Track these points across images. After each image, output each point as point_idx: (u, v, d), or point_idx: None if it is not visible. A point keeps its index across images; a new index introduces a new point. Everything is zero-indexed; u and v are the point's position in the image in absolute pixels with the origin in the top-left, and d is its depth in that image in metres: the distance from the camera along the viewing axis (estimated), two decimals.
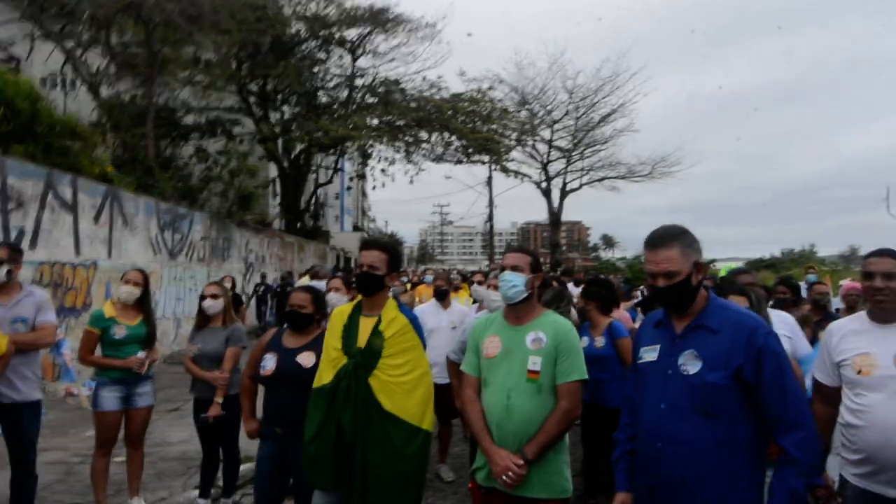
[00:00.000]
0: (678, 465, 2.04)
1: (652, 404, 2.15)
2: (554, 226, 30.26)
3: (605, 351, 4.17)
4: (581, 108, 27.56)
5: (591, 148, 28.78)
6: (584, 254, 62.84)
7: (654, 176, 28.42)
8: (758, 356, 2.00)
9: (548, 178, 29.02)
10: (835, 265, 28.22)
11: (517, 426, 2.50)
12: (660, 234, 2.18)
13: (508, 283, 2.66)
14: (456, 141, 22.68)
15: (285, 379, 3.09)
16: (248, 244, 16.60)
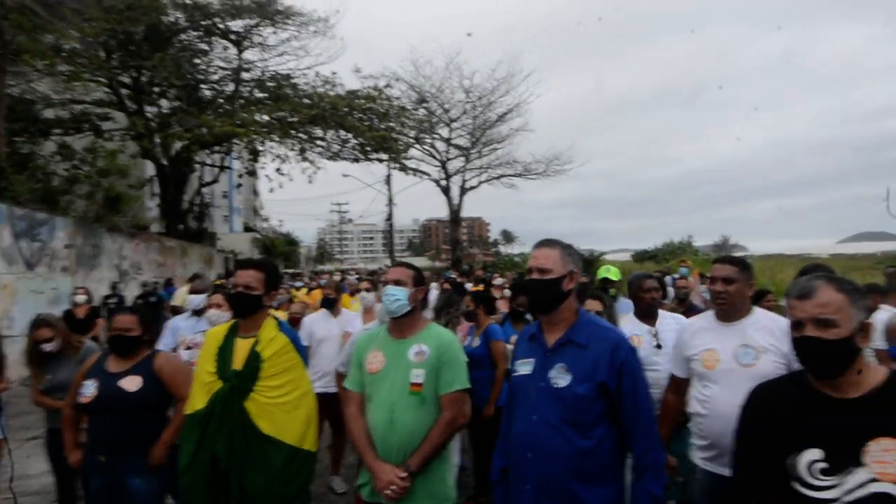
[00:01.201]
0: (548, 474, 2.17)
1: (524, 416, 2.28)
2: (454, 223, 30.84)
3: (478, 351, 4.38)
4: (478, 108, 28.27)
5: (488, 146, 29.61)
6: (484, 249, 64.66)
7: (549, 174, 29.77)
8: (619, 371, 2.18)
9: (447, 175, 29.51)
10: (708, 255, 31.05)
11: (401, 439, 2.57)
12: (546, 238, 2.40)
13: (391, 297, 2.71)
14: (353, 139, 22.43)
15: (106, 405, 2.98)
16: (121, 250, 15.41)
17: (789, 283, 2.08)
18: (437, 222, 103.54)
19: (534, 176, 30.02)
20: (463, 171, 29.80)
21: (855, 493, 1.60)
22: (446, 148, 29.27)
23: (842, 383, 1.71)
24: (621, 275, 5.55)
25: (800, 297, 1.74)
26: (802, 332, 1.72)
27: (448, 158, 29.46)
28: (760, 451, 1.79)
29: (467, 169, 29.86)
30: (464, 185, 29.89)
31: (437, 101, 27.84)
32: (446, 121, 28.56)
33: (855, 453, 1.62)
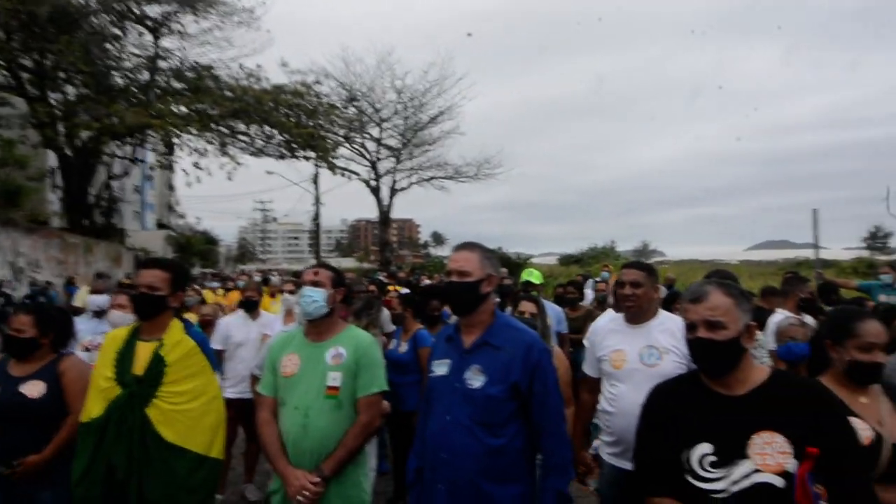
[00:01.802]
0: (460, 474, 2.21)
1: (439, 416, 2.31)
2: (384, 224, 30.67)
3: (406, 357, 4.39)
4: (410, 109, 28.27)
5: (419, 148, 29.67)
6: (414, 251, 64.68)
7: (479, 177, 30.20)
8: (532, 372, 2.25)
9: (377, 176, 29.32)
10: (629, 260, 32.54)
11: (314, 444, 2.52)
12: (466, 242, 2.45)
13: (308, 299, 2.67)
14: (278, 135, 21.84)
15: (6, 412, 2.78)
16: (16, 246, 14.25)
17: None
18: (367, 223, 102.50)
19: (465, 179, 30.36)
20: (393, 171, 29.71)
21: (740, 484, 1.72)
22: (377, 148, 29.10)
23: (730, 381, 1.84)
24: (544, 278, 5.73)
25: (692, 301, 1.87)
26: (695, 333, 1.84)
27: (378, 158, 29.28)
28: (658, 445, 1.89)
29: (398, 170, 29.81)
30: (394, 185, 29.81)
31: (367, 101, 27.62)
32: (377, 120, 28.38)
33: (741, 446, 1.74)
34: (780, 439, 1.72)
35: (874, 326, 2.26)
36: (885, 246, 41.13)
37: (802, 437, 1.71)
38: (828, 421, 1.75)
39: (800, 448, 1.70)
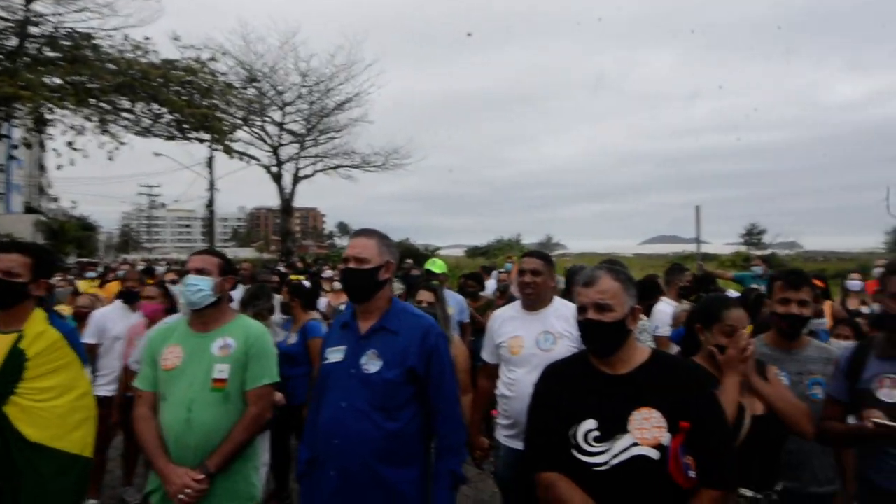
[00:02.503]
0: (354, 459, 2.22)
1: (333, 403, 2.30)
2: (286, 212, 29.66)
3: (295, 348, 4.31)
4: (315, 93, 27.44)
5: (325, 134, 28.89)
6: (318, 241, 63.16)
7: (388, 167, 29.96)
8: (428, 357, 2.31)
9: (279, 162, 28.27)
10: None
11: (199, 440, 2.42)
12: (364, 228, 2.45)
13: (193, 287, 2.55)
14: (168, 114, 20.47)
15: None
16: None
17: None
18: (268, 211, 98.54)
19: (372, 168, 30.00)
20: (297, 158, 28.75)
21: (620, 457, 1.86)
22: (279, 133, 28.02)
23: (615, 361, 1.98)
24: (451, 270, 5.81)
25: (585, 285, 2.00)
26: (586, 315, 1.97)
27: (280, 144, 28.21)
28: (547, 424, 2.00)
29: (301, 156, 28.87)
30: (297, 173, 28.88)
31: (269, 82, 26.49)
32: (279, 104, 27.31)
33: (622, 422, 1.88)
34: (657, 415, 1.87)
35: (737, 313, 2.51)
36: (759, 241, 45.53)
37: (676, 412, 1.87)
38: (698, 398, 1.92)
39: (673, 422, 1.85)
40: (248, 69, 25.41)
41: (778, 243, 45.21)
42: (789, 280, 2.86)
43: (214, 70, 21.97)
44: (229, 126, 22.90)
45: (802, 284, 2.82)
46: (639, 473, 1.84)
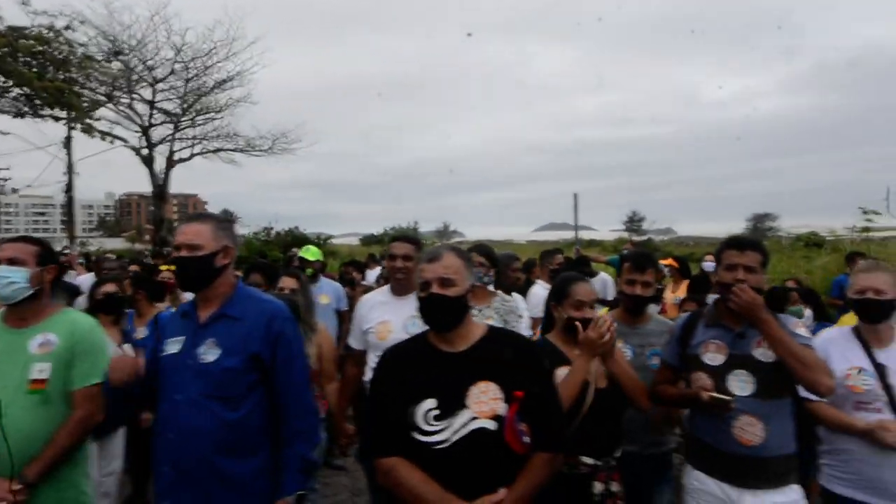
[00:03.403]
0: (190, 453, 2.14)
1: (168, 396, 2.22)
2: (159, 198, 27.67)
3: (147, 342, 4.05)
4: (192, 70, 25.73)
5: (203, 115, 27.22)
6: None
7: (275, 151, 28.77)
8: (274, 342, 2.26)
9: (150, 144, 26.27)
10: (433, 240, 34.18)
11: (15, 447, 2.21)
12: (197, 213, 2.33)
13: (3, 280, 2.32)
14: (16, 88, 18.40)
15: None
16: None
17: None
18: (140, 198, 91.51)
19: (258, 152, 28.71)
20: (171, 139, 26.86)
21: (460, 432, 1.93)
22: (149, 112, 26.02)
23: (453, 338, 2.05)
24: (344, 258, 5.67)
25: (429, 261, 2.06)
26: (429, 290, 2.02)
27: (152, 124, 26.18)
28: (385, 409, 2.03)
29: (176, 138, 27.01)
30: (171, 156, 27.01)
31: (137, 56, 24.48)
32: (150, 80, 25.31)
33: (461, 398, 1.95)
34: (493, 387, 1.96)
35: (584, 287, 2.69)
36: (639, 228, 49.09)
37: (511, 383, 1.96)
38: (530, 369, 2.05)
39: (509, 393, 1.95)
40: (111, 40, 23.32)
41: (655, 229, 49.02)
42: (635, 263, 3.10)
43: (71, 40, 20.01)
44: (89, 103, 20.98)
45: (647, 267, 3.07)
46: (478, 446, 1.92)
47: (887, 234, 13.96)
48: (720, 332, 2.62)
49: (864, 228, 11.49)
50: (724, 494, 2.52)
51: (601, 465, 2.51)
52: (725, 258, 2.58)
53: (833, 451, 2.76)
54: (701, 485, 2.59)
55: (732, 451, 2.48)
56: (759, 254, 2.56)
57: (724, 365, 2.56)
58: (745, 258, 2.52)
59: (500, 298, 3.69)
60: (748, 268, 2.52)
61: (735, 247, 2.56)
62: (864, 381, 2.64)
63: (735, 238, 2.64)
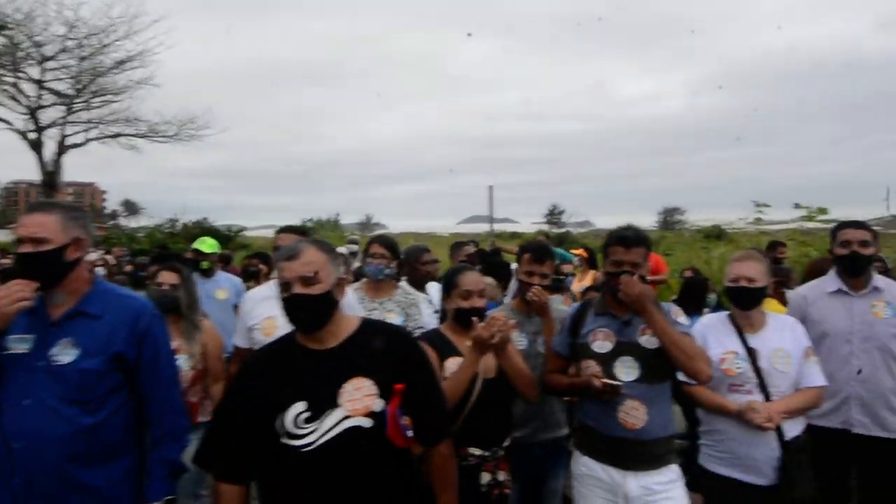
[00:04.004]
0: (41, 463, 1.98)
1: (14, 401, 2.03)
2: (50, 187, 25.59)
3: None
4: (86, 48, 23.93)
5: (100, 97, 25.42)
6: (99, 221, 55.71)
7: (182, 138, 27.28)
8: (140, 339, 2.13)
9: (38, 127, 24.27)
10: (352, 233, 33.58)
11: None
12: (40, 202, 2.18)
13: None
14: None
15: None
16: None
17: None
18: (29, 185, 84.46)
19: (162, 139, 27.15)
20: (62, 123, 24.93)
21: (331, 433, 1.86)
22: (38, 92, 24.02)
23: (323, 336, 1.96)
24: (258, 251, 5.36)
25: (288, 259, 1.93)
26: (291, 290, 1.91)
27: (41, 106, 24.21)
28: (231, 425, 1.95)
29: (69, 121, 25.08)
30: (63, 141, 25.08)
31: (24, 31, 22.50)
32: (38, 58, 23.37)
33: (333, 397, 1.88)
34: (368, 383, 1.90)
35: (471, 277, 2.71)
36: (559, 221, 50.63)
37: (389, 377, 1.91)
38: (409, 360, 2.01)
39: (387, 388, 1.90)
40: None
41: (573, 222, 50.74)
42: (534, 254, 3.16)
43: None
44: None
45: (545, 259, 3.13)
46: (351, 445, 1.86)
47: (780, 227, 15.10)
48: (608, 320, 2.72)
49: (756, 220, 12.37)
50: (609, 478, 2.60)
51: (488, 455, 2.54)
52: (612, 254, 2.68)
53: (709, 431, 2.92)
54: (588, 470, 2.68)
55: (618, 435, 2.57)
56: (644, 248, 2.67)
57: (612, 352, 2.65)
58: (630, 255, 2.62)
59: (403, 291, 3.66)
60: (634, 263, 2.62)
61: (621, 244, 2.65)
62: (737, 365, 2.81)
63: (621, 235, 2.69)
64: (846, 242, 3.20)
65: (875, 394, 3.11)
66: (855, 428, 3.13)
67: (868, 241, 3.19)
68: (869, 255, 3.20)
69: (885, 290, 3.21)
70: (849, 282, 3.24)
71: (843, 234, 3.25)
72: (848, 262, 3.21)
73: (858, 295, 3.22)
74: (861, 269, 3.21)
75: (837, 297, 3.25)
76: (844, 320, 3.20)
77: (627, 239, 2.64)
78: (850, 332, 3.17)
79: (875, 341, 3.14)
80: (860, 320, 3.17)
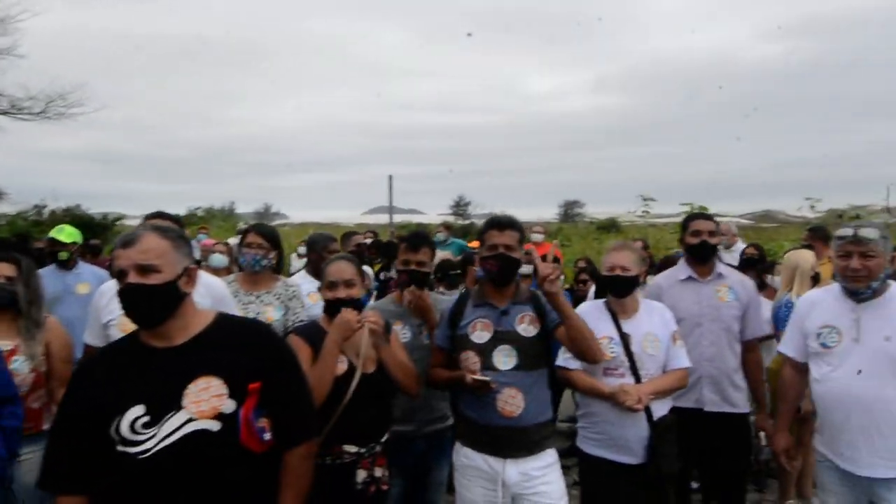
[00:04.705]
0: None
1: None
2: None
3: None
4: None
5: None
6: None
7: (50, 116, 24.88)
8: None
9: None
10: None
11: None
12: None
13: None
14: None
15: None
16: None
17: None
18: None
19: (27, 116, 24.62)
20: None
21: (170, 438, 1.69)
22: None
23: (170, 332, 1.79)
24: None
25: (124, 246, 1.75)
26: (126, 280, 1.73)
27: None
28: (66, 433, 1.77)
29: None
30: None
31: None
32: None
33: (176, 399, 1.71)
34: (217, 382, 1.75)
35: (336, 267, 2.64)
36: (465, 212, 51.35)
37: (242, 375, 1.77)
38: (268, 355, 1.87)
39: (239, 387, 1.76)
40: None
41: (479, 214, 51.66)
42: (409, 243, 3.13)
43: None
44: None
45: (420, 246, 3.10)
46: (195, 451, 1.71)
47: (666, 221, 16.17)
48: (486, 310, 2.74)
49: (644, 213, 13.23)
50: (489, 467, 2.63)
51: (364, 452, 2.47)
52: (487, 238, 2.72)
53: (586, 414, 3.03)
54: (469, 461, 2.69)
55: (496, 423, 2.61)
56: (517, 232, 2.74)
57: (490, 341, 2.68)
58: (504, 237, 2.68)
59: (283, 283, 3.50)
60: (507, 245, 2.68)
61: (496, 227, 2.71)
62: (611, 349, 2.92)
63: (494, 219, 2.77)
64: (697, 232, 3.50)
65: (722, 372, 3.41)
66: (707, 406, 3.40)
67: (714, 232, 3.52)
68: (714, 245, 3.53)
69: (727, 277, 3.54)
70: (697, 269, 3.53)
71: (694, 224, 3.57)
72: (698, 250, 3.50)
73: (705, 281, 3.51)
74: (708, 256, 3.52)
75: (687, 284, 3.53)
76: (694, 305, 3.46)
77: (501, 223, 2.71)
78: (700, 316, 3.44)
79: (720, 323, 3.43)
80: (707, 304, 3.45)
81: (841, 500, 2.71)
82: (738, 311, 3.46)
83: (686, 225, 3.60)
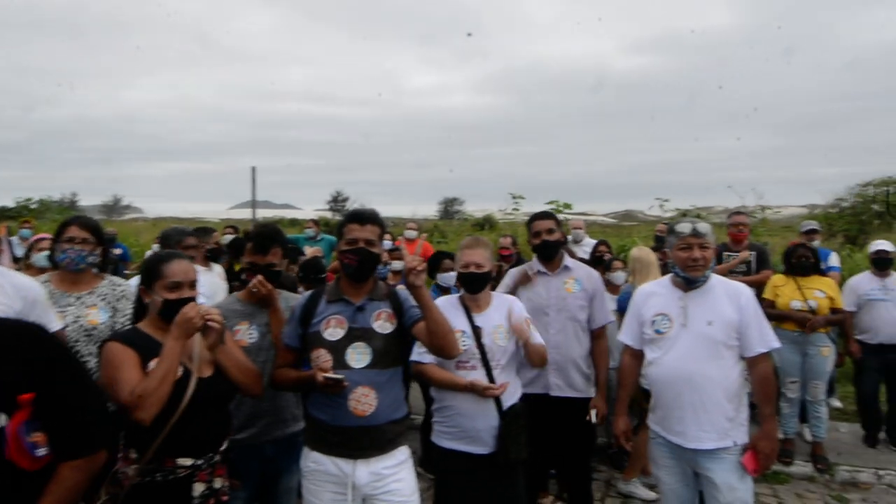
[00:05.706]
0: None
1: None
2: None
3: None
4: None
5: None
6: None
7: None
8: None
9: None
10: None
11: None
12: None
13: None
14: None
15: None
16: None
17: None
18: None
19: None
20: None
21: None
22: None
23: None
24: None
25: None
26: None
27: None
28: None
29: None
30: None
31: None
32: None
33: None
34: None
35: (178, 266, 2.46)
36: (343, 208, 50.60)
37: (10, 387, 1.61)
38: (39, 362, 1.70)
39: (8, 399, 1.60)
40: None
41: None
42: (256, 244, 3.01)
43: None
44: None
45: (270, 247, 3.00)
46: None
47: None
48: (341, 306, 2.69)
49: (514, 210, 13.91)
50: (339, 470, 2.58)
51: (202, 463, 2.35)
52: (348, 231, 2.68)
53: (440, 408, 3.10)
54: (317, 465, 2.63)
55: (348, 424, 2.57)
56: (378, 227, 2.72)
57: (344, 339, 2.63)
58: (364, 231, 2.66)
59: (109, 282, 3.23)
60: (368, 240, 2.66)
61: (357, 220, 2.68)
62: (463, 343, 3.01)
63: (355, 212, 2.75)
64: (537, 233, 3.80)
65: (567, 359, 3.72)
66: (552, 391, 3.69)
67: (553, 229, 3.79)
68: (555, 241, 3.80)
69: (574, 269, 3.85)
70: (545, 264, 3.84)
71: (534, 225, 3.85)
72: (540, 249, 3.80)
73: (554, 274, 3.82)
74: (552, 253, 3.81)
75: (539, 277, 3.83)
76: (543, 296, 3.76)
77: (362, 216, 2.69)
78: (548, 306, 3.75)
79: (567, 313, 3.75)
80: (555, 295, 3.77)
81: (670, 472, 3.02)
82: (583, 300, 3.75)
83: (529, 226, 3.88)
